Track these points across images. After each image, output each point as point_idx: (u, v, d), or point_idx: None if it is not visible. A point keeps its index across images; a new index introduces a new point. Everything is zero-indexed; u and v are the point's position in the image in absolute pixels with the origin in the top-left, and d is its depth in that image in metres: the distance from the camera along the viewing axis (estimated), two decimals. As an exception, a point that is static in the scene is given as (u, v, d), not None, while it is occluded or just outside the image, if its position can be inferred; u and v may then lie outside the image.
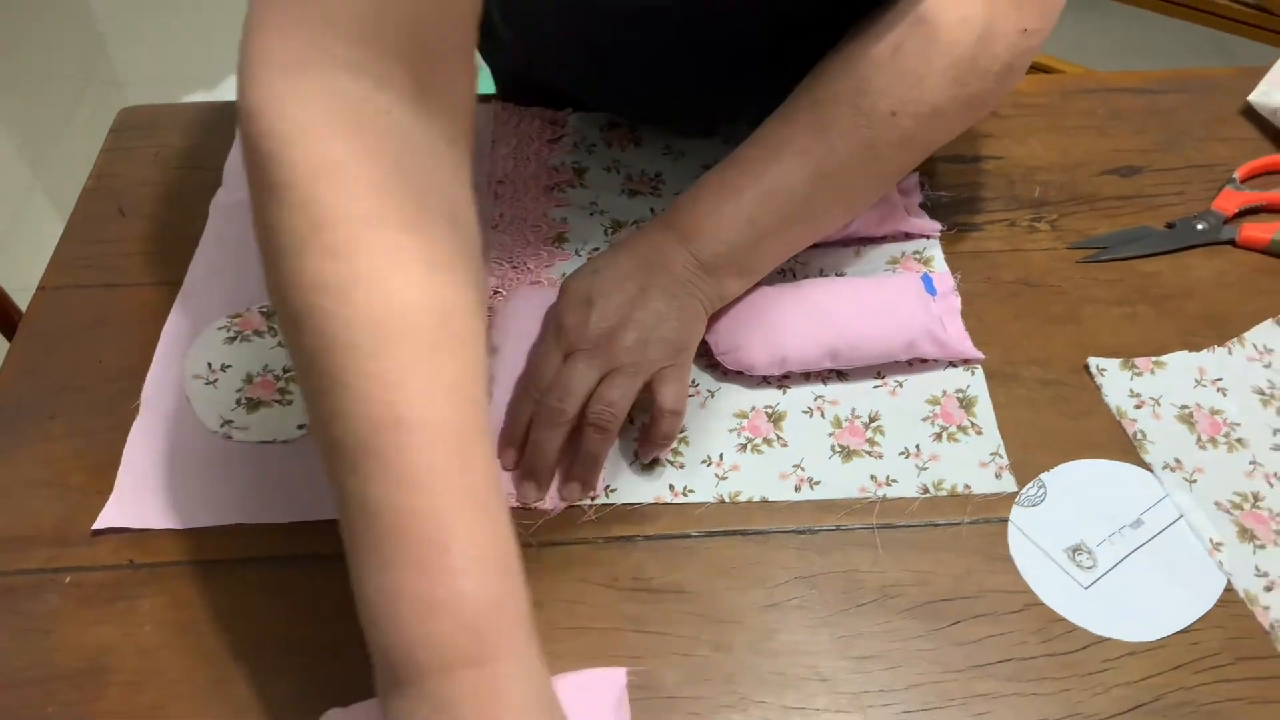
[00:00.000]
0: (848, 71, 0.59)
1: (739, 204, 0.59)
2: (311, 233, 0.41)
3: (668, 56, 0.69)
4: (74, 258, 0.69)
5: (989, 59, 0.58)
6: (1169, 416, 0.60)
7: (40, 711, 0.49)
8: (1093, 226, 0.71)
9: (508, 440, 0.58)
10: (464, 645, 0.39)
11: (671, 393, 0.56)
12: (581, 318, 0.57)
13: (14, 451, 0.59)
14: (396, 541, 0.40)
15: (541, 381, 0.57)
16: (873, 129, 0.58)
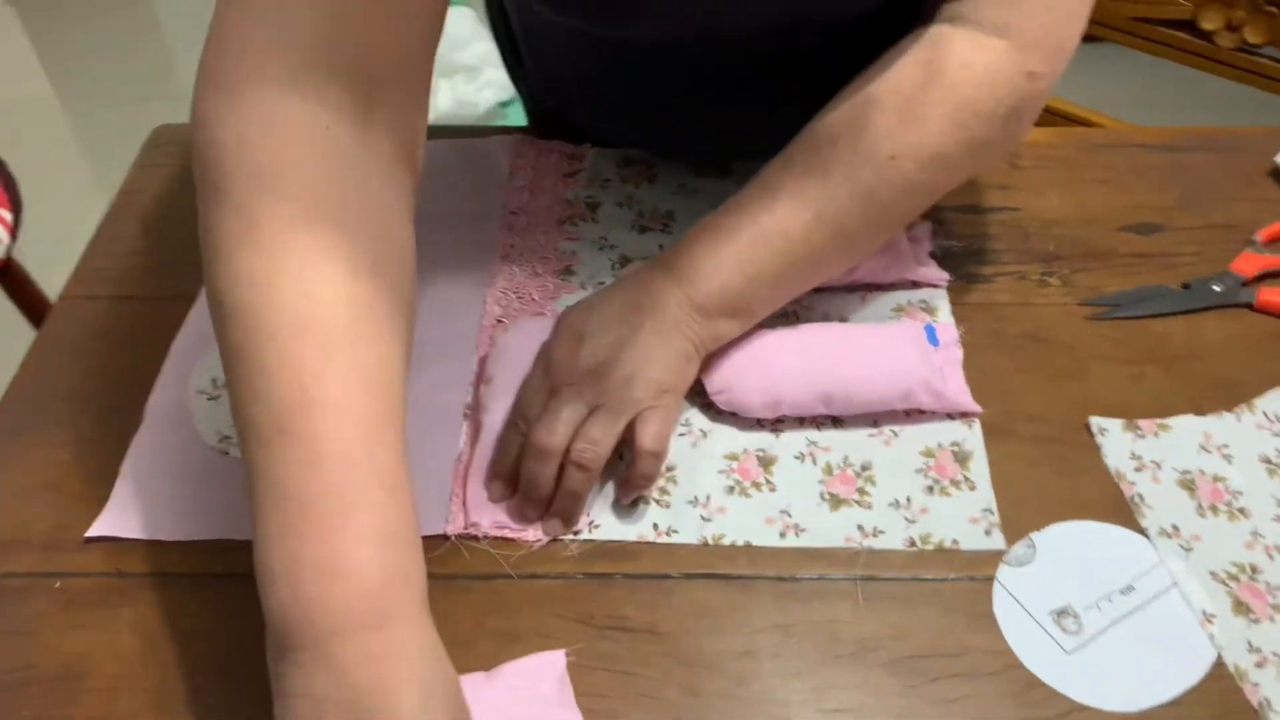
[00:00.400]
0: (848, 114, 0.59)
1: (734, 247, 0.59)
2: (244, 231, 0.44)
3: (678, 92, 0.70)
4: (95, 269, 0.71)
5: (993, 103, 0.58)
6: (1169, 481, 0.59)
7: (15, 714, 0.50)
8: (1106, 283, 0.69)
9: (496, 472, 0.58)
10: (361, 610, 0.41)
11: (651, 433, 0.56)
12: (571, 353, 0.57)
13: (17, 455, 0.60)
14: (302, 512, 0.42)
15: (529, 414, 0.57)
16: (872, 173, 0.58)
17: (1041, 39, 0.57)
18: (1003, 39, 0.57)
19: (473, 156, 0.78)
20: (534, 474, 0.56)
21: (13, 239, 1.03)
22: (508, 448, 0.58)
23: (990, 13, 0.57)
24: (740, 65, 0.67)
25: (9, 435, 0.62)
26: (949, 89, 0.57)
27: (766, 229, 0.59)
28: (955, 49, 0.57)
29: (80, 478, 0.59)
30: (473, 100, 1.46)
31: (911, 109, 0.57)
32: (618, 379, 0.57)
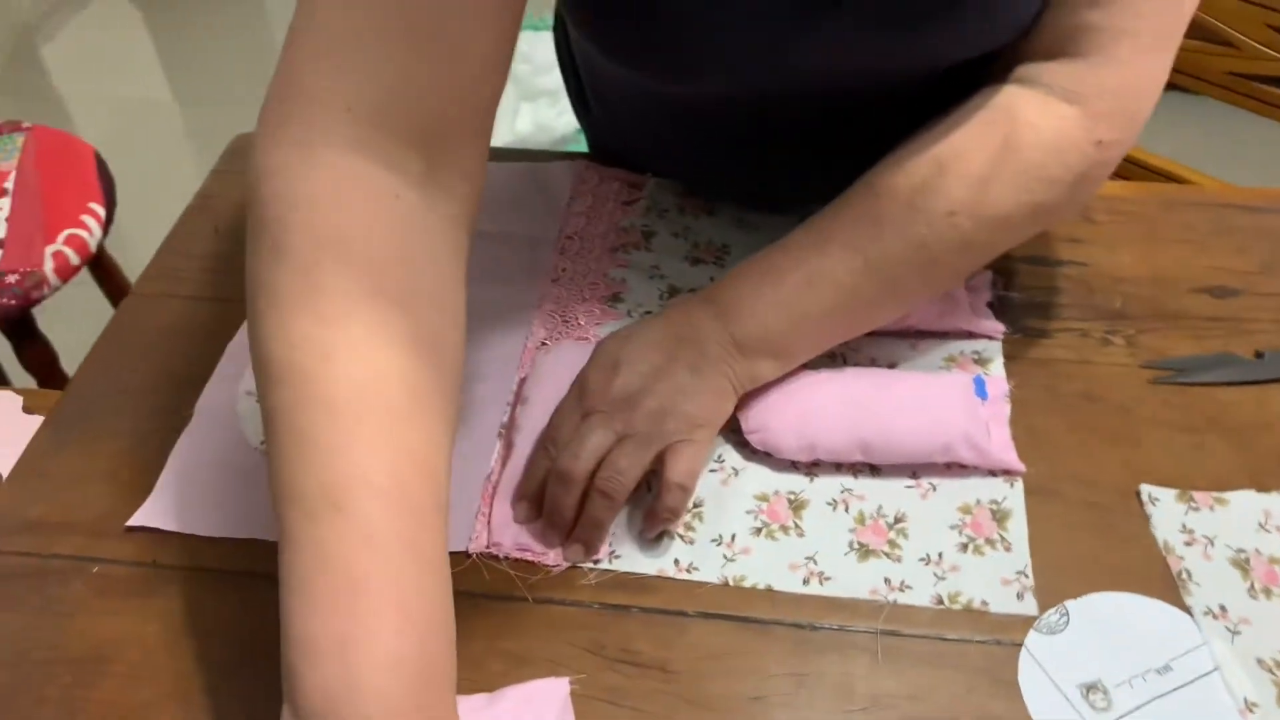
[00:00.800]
0: (909, 167, 0.57)
1: (780, 288, 0.58)
2: (306, 296, 0.43)
3: (737, 143, 0.70)
4: (166, 268, 0.74)
5: (1060, 169, 0.56)
6: (1221, 558, 0.56)
7: (39, 692, 0.52)
8: (1173, 346, 0.67)
9: (522, 493, 0.58)
10: (400, 697, 0.40)
11: (681, 467, 0.56)
12: (605, 380, 0.57)
13: (74, 443, 0.63)
14: (353, 590, 0.41)
15: (559, 438, 0.57)
16: (929, 228, 0.57)
17: (1114, 108, 0.55)
18: (1074, 105, 0.56)
19: (536, 181, 0.79)
20: (557, 499, 0.56)
21: (104, 232, 1.08)
22: (535, 470, 0.58)
23: (1063, 78, 0.56)
24: (800, 120, 0.66)
25: (71, 422, 0.64)
26: (1014, 152, 0.56)
27: (814, 273, 0.58)
28: (1024, 112, 0.56)
29: (133, 468, 0.61)
30: (551, 124, 1.48)
31: (974, 168, 0.56)
32: (650, 409, 0.56)
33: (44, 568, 0.57)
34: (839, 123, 0.65)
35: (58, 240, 1.04)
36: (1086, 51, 0.55)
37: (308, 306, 0.43)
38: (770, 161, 0.71)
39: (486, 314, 0.69)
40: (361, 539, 0.41)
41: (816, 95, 0.63)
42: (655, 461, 0.56)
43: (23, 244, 1.04)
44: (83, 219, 1.07)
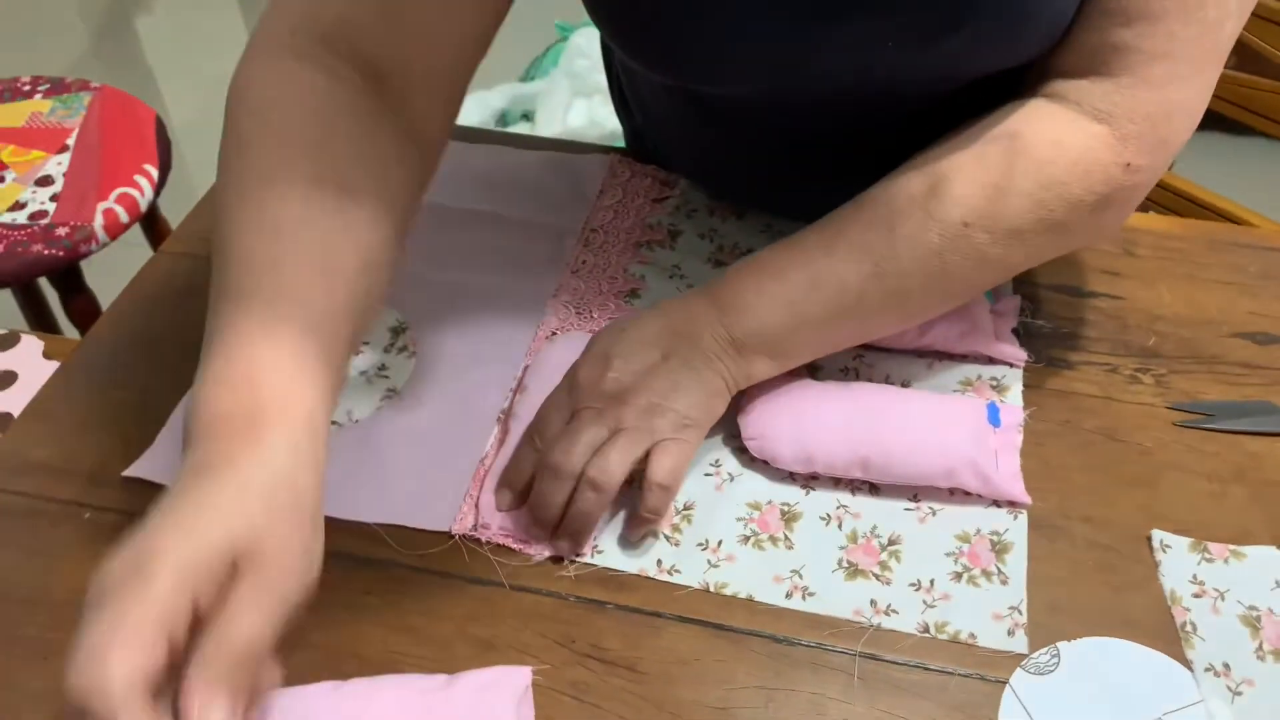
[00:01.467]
0: (927, 173, 0.56)
1: (783, 287, 0.57)
2: (238, 149, 0.51)
3: (764, 148, 0.69)
4: (195, 231, 0.75)
5: (1083, 189, 0.54)
6: (1231, 614, 0.53)
7: (17, 630, 0.53)
8: (1204, 390, 0.64)
9: (506, 482, 0.57)
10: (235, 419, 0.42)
11: (664, 466, 0.55)
12: (597, 374, 0.57)
13: (85, 391, 0.64)
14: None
15: (546, 431, 0.57)
16: (942, 237, 0.55)
17: (1145, 132, 0.53)
18: (1103, 125, 0.54)
19: (568, 172, 0.79)
20: (546, 493, 0.55)
21: (156, 194, 1.11)
22: (520, 462, 0.57)
23: (1094, 97, 0.54)
24: (825, 132, 0.65)
25: (82, 371, 0.66)
26: (1036, 165, 0.54)
27: (820, 274, 0.57)
28: (1050, 126, 0.54)
29: (135, 422, 0.62)
30: (604, 121, 1.49)
31: (993, 179, 0.54)
32: (641, 406, 0.56)
33: (39, 510, 0.58)
34: (866, 136, 0.64)
35: (110, 198, 1.07)
36: (1118, 72, 0.53)
37: (239, 154, 0.50)
38: (795, 173, 0.69)
39: (501, 299, 0.69)
40: (266, 265, 0.47)
41: (840, 105, 0.61)
42: (643, 459, 0.55)
43: (76, 198, 1.06)
44: (136, 179, 1.09)
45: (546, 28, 1.87)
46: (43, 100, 1.19)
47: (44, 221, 1.04)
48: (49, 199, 1.06)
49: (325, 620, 0.53)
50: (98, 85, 1.21)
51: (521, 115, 1.62)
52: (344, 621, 0.53)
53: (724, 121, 0.68)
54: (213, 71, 2.43)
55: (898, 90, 0.59)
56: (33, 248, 1.02)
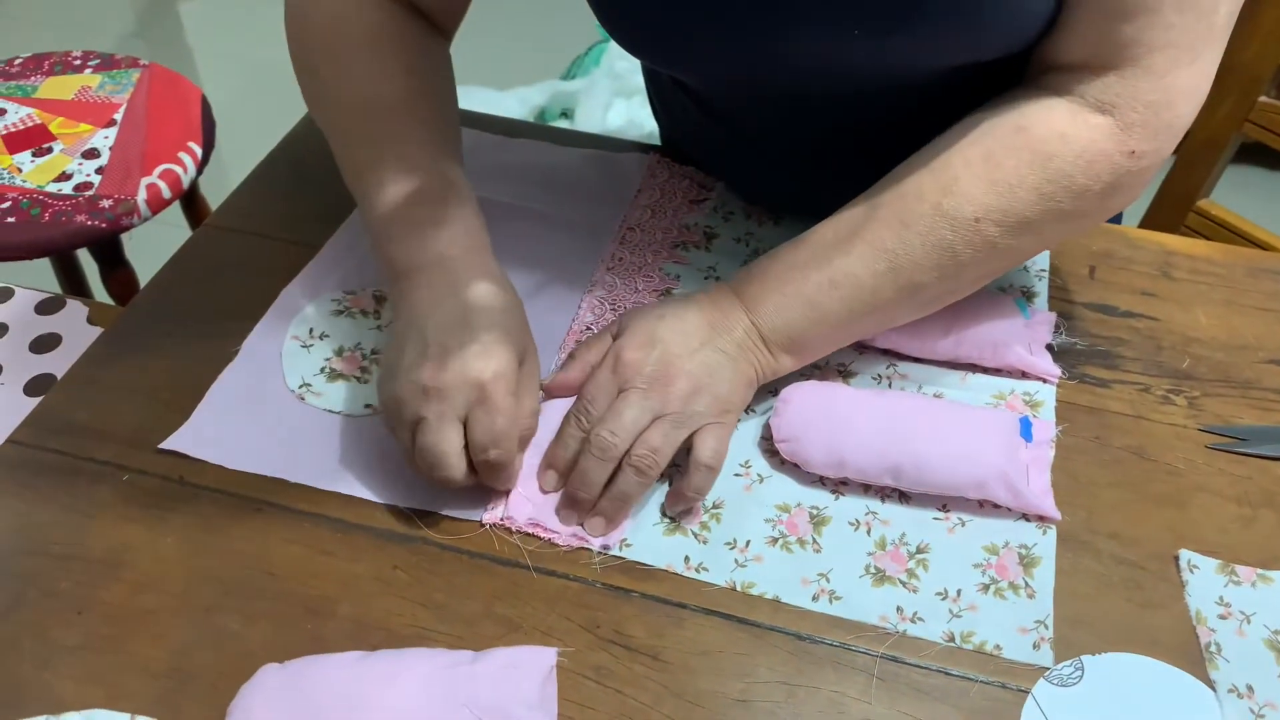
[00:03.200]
0: (937, 169, 0.57)
1: (803, 287, 0.58)
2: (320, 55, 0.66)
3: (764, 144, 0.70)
4: (242, 205, 0.76)
5: (1089, 178, 0.55)
6: (1256, 638, 0.53)
7: (53, 584, 0.54)
8: (1237, 414, 0.64)
9: (551, 462, 0.58)
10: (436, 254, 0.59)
11: (710, 447, 0.56)
12: (642, 356, 0.57)
13: (125, 357, 0.65)
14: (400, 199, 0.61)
15: (591, 410, 0.57)
16: (954, 232, 0.56)
17: (1148, 119, 0.55)
18: (1105, 116, 0.55)
19: (607, 170, 0.80)
20: (589, 472, 0.56)
21: (198, 172, 1.12)
22: (566, 440, 0.58)
23: (1095, 89, 0.55)
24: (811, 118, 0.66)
25: (125, 338, 0.67)
26: (1043, 159, 0.55)
27: (838, 274, 0.58)
28: (1054, 120, 0.55)
29: (172, 389, 0.63)
30: (643, 122, 1.49)
31: (1002, 175, 0.55)
32: (684, 390, 0.57)
33: (77, 469, 0.59)
34: (864, 127, 0.65)
35: (153, 173, 1.08)
36: (1120, 64, 0.54)
37: (323, 61, 0.65)
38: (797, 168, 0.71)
39: (537, 292, 0.69)
40: (404, 169, 0.61)
41: (822, 96, 0.63)
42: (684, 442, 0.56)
43: (121, 172, 1.08)
44: (180, 156, 1.11)
45: (588, 27, 1.88)
46: (92, 75, 1.20)
47: (89, 193, 1.06)
48: (94, 171, 1.08)
49: (354, 593, 0.54)
50: (146, 63, 1.22)
51: (561, 113, 1.63)
52: (373, 595, 0.53)
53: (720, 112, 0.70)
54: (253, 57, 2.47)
55: (877, 85, 0.60)
56: (76, 218, 1.03)
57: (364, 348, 0.66)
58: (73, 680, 0.50)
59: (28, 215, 1.02)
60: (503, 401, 0.53)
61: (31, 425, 0.61)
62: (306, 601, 0.53)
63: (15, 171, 1.07)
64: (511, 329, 0.56)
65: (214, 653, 0.51)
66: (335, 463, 0.59)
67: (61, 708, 0.49)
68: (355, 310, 0.68)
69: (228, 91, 2.08)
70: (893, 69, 0.58)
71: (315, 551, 0.55)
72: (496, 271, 0.59)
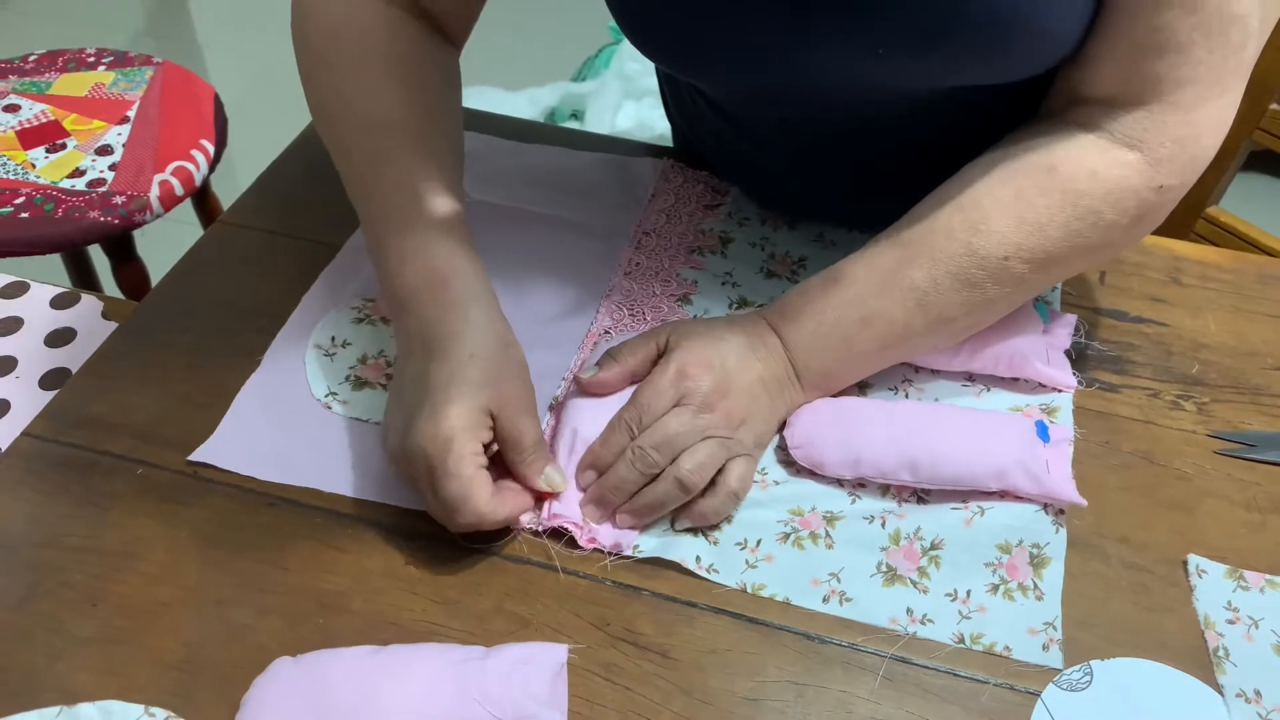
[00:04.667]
0: (967, 206, 0.57)
1: (839, 328, 0.59)
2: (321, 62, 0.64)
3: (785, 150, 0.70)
4: (255, 202, 0.77)
5: (1117, 214, 0.56)
6: (1265, 643, 0.53)
7: (67, 575, 0.54)
8: (1246, 420, 0.64)
9: (591, 462, 0.58)
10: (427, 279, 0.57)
11: (738, 475, 0.56)
12: (706, 375, 0.57)
13: (140, 352, 0.66)
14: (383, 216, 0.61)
15: (647, 416, 0.57)
16: (984, 271, 0.57)
17: (1175, 154, 0.55)
18: (1134, 151, 0.55)
19: (622, 175, 0.80)
20: (625, 481, 0.56)
21: (210, 169, 1.13)
22: (611, 443, 0.57)
23: (1126, 125, 0.55)
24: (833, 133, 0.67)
25: (140, 333, 0.67)
26: (1074, 198, 0.56)
27: (871, 313, 0.59)
28: (1086, 158, 0.56)
29: (188, 383, 0.64)
30: (653, 124, 1.50)
31: (1033, 215, 0.56)
32: (735, 417, 0.57)
33: (93, 462, 0.59)
34: (882, 139, 0.65)
35: (166, 170, 1.09)
36: (1148, 99, 0.54)
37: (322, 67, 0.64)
38: (817, 179, 0.71)
39: (557, 294, 0.70)
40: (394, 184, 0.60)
41: (844, 111, 0.63)
42: None
43: (134, 169, 1.08)
44: (192, 153, 1.11)
45: (599, 29, 1.88)
46: (106, 72, 1.21)
47: (102, 189, 1.06)
48: (108, 168, 1.09)
49: (366, 588, 0.54)
50: (159, 61, 1.23)
51: (571, 114, 1.64)
52: (384, 590, 0.54)
53: (746, 128, 0.70)
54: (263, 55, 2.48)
55: (897, 98, 0.60)
56: (89, 214, 1.04)
57: (387, 354, 0.66)
58: (87, 671, 0.50)
59: (41, 211, 1.03)
60: (453, 465, 0.52)
61: (47, 418, 0.62)
62: (319, 596, 0.54)
63: (29, 167, 1.08)
64: (477, 378, 0.54)
65: (227, 645, 0.51)
66: (364, 470, 0.59)
67: (75, 699, 0.49)
68: (376, 318, 0.68)
69: (236, 89, 2.09)
70: (913, 87, 0.59)
71: (328, 547, 0.56)
72: (475, 313, 0.57)
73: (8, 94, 1.17)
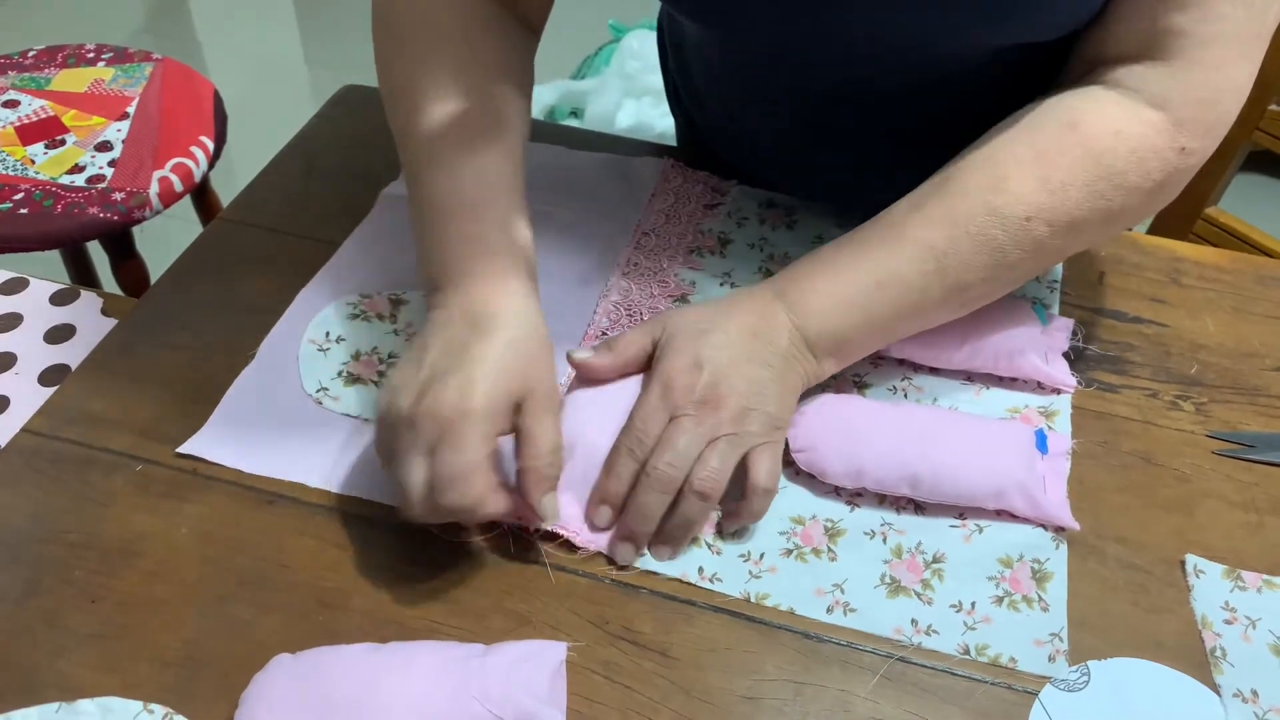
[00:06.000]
0: (987, 167, 0.57)
1: (852, 290, 0.58)
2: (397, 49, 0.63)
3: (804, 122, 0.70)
4: (255, 199, 0.77)
5: (1140, 176, 0.55)
6: (1262, 643, 0.53)
7: (67, 572, 0.54)
8: (1245, 421, 0.64)
9: (604, 496, 0.56)
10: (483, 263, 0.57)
11: (765, 470, 0.55)
12: (691, 381, 0.56)
13: (140, 349, 0.66)
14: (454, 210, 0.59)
15: (646, 439, 0.55)
16: (1005, 232, 0.56)
17: (1198, 115, 0.55)
18: (1159, 111, 0.55)
19: (622, 175, 0.80)
20: (649, 505, 0.54)
21: (210, 166, 1.13)
22: (619, 472, 0.56)
23: (1149, 83, 0.55)
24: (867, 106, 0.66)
25: (141, 329, 0.67)
26: (1096, 157, 0.55)
27: (886, 275, 0.57)
28: (1109, 116, 0.55)
29: (187, 381, 0.64)
30: (652, 123, 1.50)
31: (1054, 174, 0.55)
32: (734, 410, 0.55)
33: (92, 458, 0.59)
34: (905, 115, 0.65)
35: (166, 167, 1.09)
36: (1172, 56, 0.54)
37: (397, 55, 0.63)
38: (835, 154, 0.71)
39: (554, 295, 0.69)
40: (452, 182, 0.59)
41: (877, 75, 0.62)
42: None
43: (134, 165, 1.08)
44: (192, 150, 1.11)
45: (600, 27, 1.88)
46: (105, 68, 1.21)
47: (101, 185, 1.06)
48: (107, 164, 1.09)
49: (365, 586, 0.54)
50: (159, 57, 1.23)
51: (570, 112, 1.64)
52: (384, 588, 0.54)
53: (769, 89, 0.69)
54: (262, 51, 2.49)
55: (923, 59, 0.60)
56: (89, 210, 1.04)
57: (380, 351, 0.66)
58: (86, 668, 0.50)
59: (40, 207, 1.03)
60: (468, 441, 0.50)
61: (46, 415, 0.62)
62: (319, 593, 0.54)
63: (28, 163, 1.08)
64: (513, 366, 0.53)
65: (227, 642, 0.51)
66: (352, 467, 0.59)
67: (75, 695, 0.49)
68: (371, 314, 0.68)
69: (236, 86, 2.09)
70: (942, 48, 0.58)
71: (327, 544, 0.56)
72: (522, 298, 0.56)
73: (7, 90, 1.17)
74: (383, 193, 0.77)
